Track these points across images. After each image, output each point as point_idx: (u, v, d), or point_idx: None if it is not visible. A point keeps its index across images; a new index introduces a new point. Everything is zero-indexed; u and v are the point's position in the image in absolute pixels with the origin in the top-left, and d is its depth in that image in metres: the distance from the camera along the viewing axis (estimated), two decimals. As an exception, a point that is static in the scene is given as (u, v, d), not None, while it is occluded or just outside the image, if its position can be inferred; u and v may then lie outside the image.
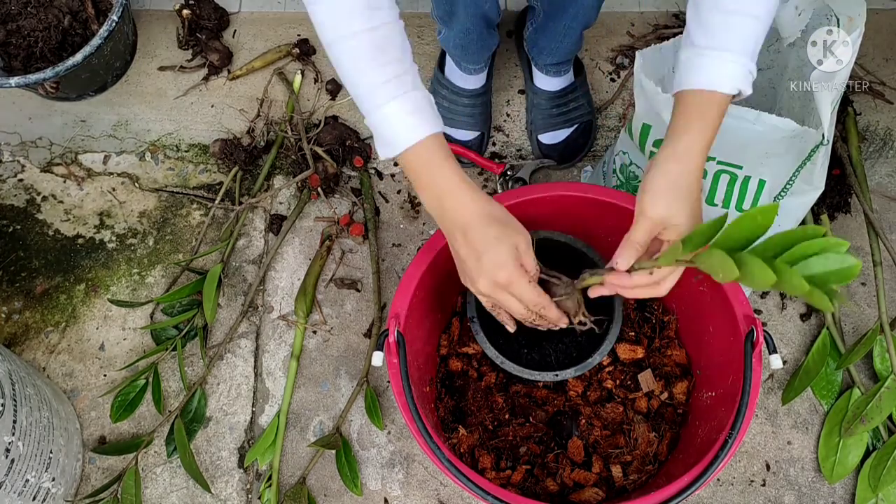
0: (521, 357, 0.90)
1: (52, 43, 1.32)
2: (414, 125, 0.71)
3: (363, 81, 0.71)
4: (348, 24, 0.70)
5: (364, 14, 0.70)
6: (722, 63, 0.69)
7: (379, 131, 0.73)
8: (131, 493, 1.10)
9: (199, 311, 1.21)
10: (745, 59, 0.69)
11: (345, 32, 0.70)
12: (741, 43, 0.69)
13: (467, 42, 1.15)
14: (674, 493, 0.80)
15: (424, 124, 0.72)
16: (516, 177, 1.27)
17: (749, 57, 0.70)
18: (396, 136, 0.72)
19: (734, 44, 0.69)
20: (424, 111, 0.72)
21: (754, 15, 0.69)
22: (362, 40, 0.70)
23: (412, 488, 1.12)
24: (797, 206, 0.95)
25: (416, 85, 0.72)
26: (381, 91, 0.71)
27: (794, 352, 1.18)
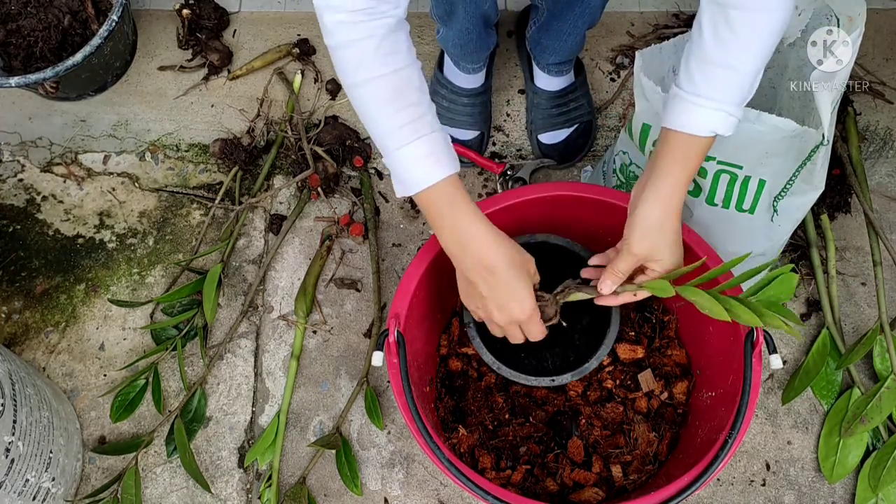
0: (518, 361, 0.90)
1: (52, 43, 1.32)
2: (430, 167, 0.74)
3: (381, 125, 0.74)
4: (369, 69, 0.72)
5: (384, 59, 0.72)
6: (701, 110, 0.73)
7: (396, 172, 0.76)
8: (131, 493, 1.10)
9: (199, 311, 1.21)
10: (726, 106, 0.73)
11: (365, 77, 0.72)
12: (721, 93, 0.73)
13: (466, 41, 1.15)
14: (674, 493, 0.80)
15: (441, 167, 0.75)
16: (516, 176, 1.27)
17: (731, 104, 0.73)
18: (413, 178, 0.75)
19: (716, 93, 0.73)
20: (441, 153, 0.75)
21: (735, 67, 0.72)
22: (380, 84, 0.72)
23: (412, 488, 1.13)
24: (797, 207, 0.95)
25: (433, 127, 0.75)
26: (399, 134, 0.73)
27: (794, 352, 1.18)
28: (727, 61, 0.72)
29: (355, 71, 0.73)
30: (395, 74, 0.72)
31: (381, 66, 0.72)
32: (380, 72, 0.72)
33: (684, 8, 1.42)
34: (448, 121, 1.29)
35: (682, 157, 0.76)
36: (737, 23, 0.70)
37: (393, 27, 0.72)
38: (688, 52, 0.75)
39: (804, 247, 1.22)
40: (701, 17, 0.73)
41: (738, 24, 0.70)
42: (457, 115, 1.29)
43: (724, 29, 0.71)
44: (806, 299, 1.21)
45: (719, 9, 0.71)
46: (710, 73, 0.73)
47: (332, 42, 0.73)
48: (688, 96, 0.74)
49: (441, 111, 1.29)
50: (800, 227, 1.22)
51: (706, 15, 0.73)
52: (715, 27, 0.72)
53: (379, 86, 0.72)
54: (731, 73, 0.73)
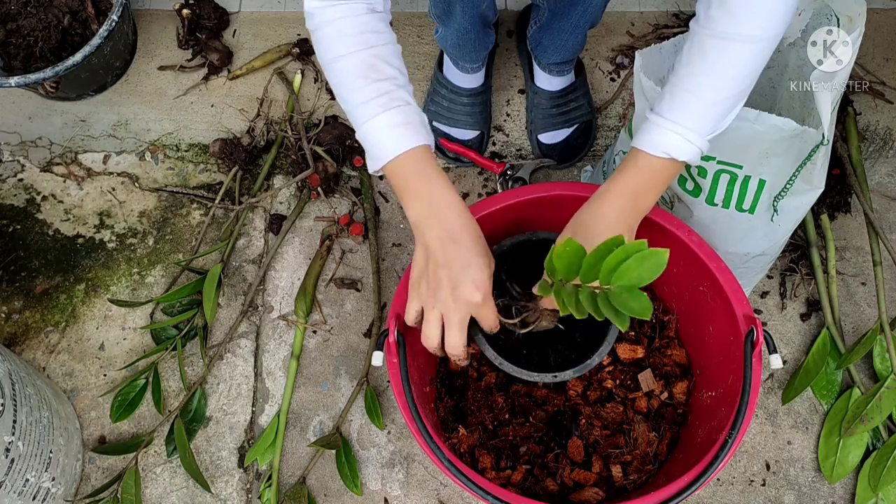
0: (520, 358, 0.90)
1: (51, 43, 1.32)
2: (402, 135, 0.74)
3: (353, 98, 0.75)
4: (344, 45, 0.74)
5: (358, 37, 0.74)
6: (659, 130, 0.74)
7: (367, 144, 0.76)
8: (131, 493, 1.10)
9: (199, 310, 1.21)
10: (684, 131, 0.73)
11: (340, 53, 0.74)
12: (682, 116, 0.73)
13: (464, 41, 1.15)
14: (674, 493, 0.80)
15: (411, 137, 0.74)
16: (516, 176, 1.27)
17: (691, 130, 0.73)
18: (384, 148, 0.74)
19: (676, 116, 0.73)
20: (414, 125, 0.75)
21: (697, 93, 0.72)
22: (354, 60, 0.74)
23: (412, 488, 1.13)
24: (797, 206, 0.95)
25: (406, 101, 0.75)
26: (370, 106, 0.74)
27: (794, 352, 1.18)
28: (691, 86, 0.72)
29: (331, 48, 0.74)
30: (369, 51, 0.74)
31: (355, 44, 0.73)
32: (354, 48, 0.73)
33: (684, 8, 1.42)
34: (448, 121, 1.29)
35: (634, 169, 0.76)
36: (709, 49, 0.71)
37: (368, 10, 0.74)
38: (668, 79, 0.76)
39: (804, 247, 1.22)
40: (684, 43, 0.74)
41: (709, 50, 0.71)
42: (457, 114, 1.29)
43: (697, 54, 0.72)
44: (806, 299, 1.21)
45: (699, 35, 0.72)
46: (674, 96, 0.74)
47: (312, 25, 0.75)
48: (650, 115, 0.75)
49: (441, 111, 1.29)
50: (800, 227, 1.22)
51: (689, 40, 0.73)
52: (689, 52, 0.73)
53: (352, 61, 0.74)
54: (693, 99, 0.73)
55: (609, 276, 0.63)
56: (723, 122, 0.75)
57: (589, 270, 0.64)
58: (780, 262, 1.22)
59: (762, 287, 1.22)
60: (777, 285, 1.22)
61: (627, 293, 0.62)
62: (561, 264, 0.66)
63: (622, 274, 0.62)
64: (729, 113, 0.75)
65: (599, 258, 0.63)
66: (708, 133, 0.74)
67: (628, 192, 0.76)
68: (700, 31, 0.72)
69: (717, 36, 0.70)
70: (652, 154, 0.75)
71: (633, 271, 0.62)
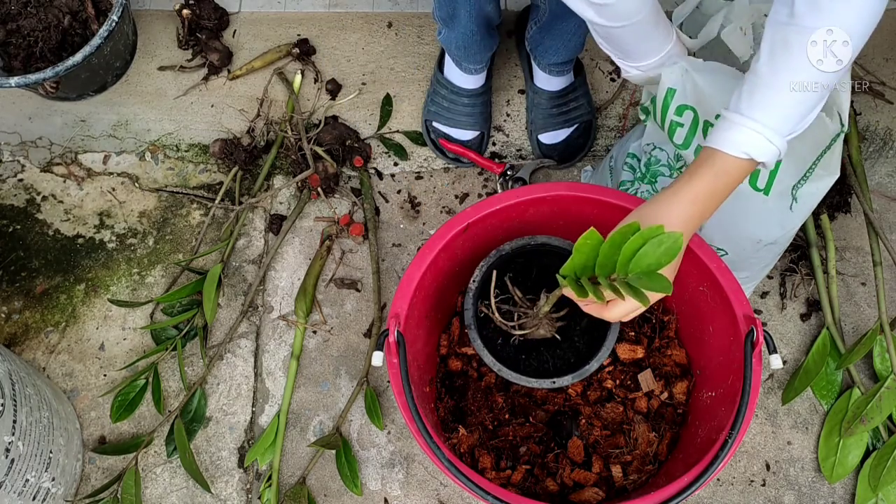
0: (519, 362, 0.90)
1: (51, 43, 1.32)
2: None
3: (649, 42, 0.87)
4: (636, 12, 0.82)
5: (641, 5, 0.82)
6: (739, 128, 0.71)
7: None
8: (131, 493, 1.10)
9: (199, 311, 1.21)
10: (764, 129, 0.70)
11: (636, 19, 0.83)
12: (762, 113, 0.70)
13: (469, 43, 1.15)
14: (674, 493, 0.80)
15: None
16: (516, 177, 1.27)
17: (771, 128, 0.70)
18: None
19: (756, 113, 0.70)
20: None
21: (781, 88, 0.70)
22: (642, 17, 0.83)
23: (412, 488, 1.12)
24: (813, 192, 0.94)
25: None
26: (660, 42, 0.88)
27: (794, 352, 1.18)
28: (773, 82, 0.69)
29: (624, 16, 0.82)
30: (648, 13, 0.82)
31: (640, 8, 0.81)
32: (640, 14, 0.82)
33: (684, 8, 1.42)
34: (448, 121, 1.29)
35: (710, 173, 0.72)
36: (793, 43, 0.68)
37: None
38: (744, 79, 0.73)
39: (804, 247, 1.22)
40: (763, 42, 0.71)
41: (794, 45, 0.68)
42: (457, 115, 1.29)
43: (780, 49, 0.69)
44: (806, 299, 1.21)
45: (782, 30, 0.69)
46: (754, 93, 0.71)
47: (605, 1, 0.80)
48: (728, 114, 0.72)
49: (441, 111, 1.29)
50: (800, 228, 1.22)
51: (767, 37, 0.71)
52: (771, 47, 0.70)
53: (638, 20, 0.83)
54: (775, 95, 0.70)
55: (626, 265, 0.62)
56: (804, 122, 0.72)
57: (606, 261, 0.64)
58: (780, 262, 1.22)
59: (762, 287, 1.22)
60: (777, 285, 1.22)
61: (647, 278, 0.62)
62: (580, 258, 0.66)
63: (639, 260, 0.62)
64: (811, 112, 0.72)
65: (616, 247, 0.62)
66: (788, 132, 0.71)
67: (701, 197, 0.73)
68: (782, 26, 0.69)
69: (802, 31, 0.67)
70: (730, 154, 0.71)
71: (649, 257, 0.61)
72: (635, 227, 0.61)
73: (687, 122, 0.95)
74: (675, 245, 0.61)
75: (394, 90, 1.37)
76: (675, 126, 0.96)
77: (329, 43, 1.42)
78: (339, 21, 1.44)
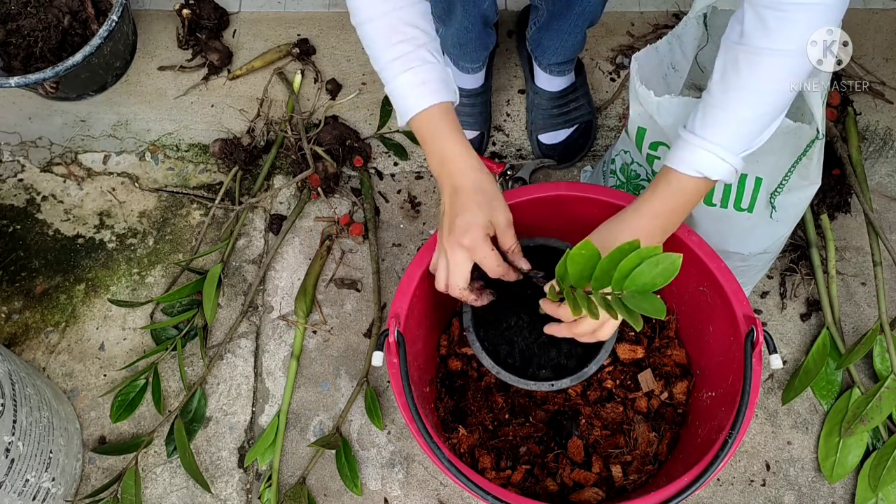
0: (517, 365, 0.90)
1: (51, 43, 1.32)
2: (421, 95, 0.79)
3: (380, 59, 0.80)
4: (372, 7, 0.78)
5: None
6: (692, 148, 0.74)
7: (394, 102, 0.81)
8: (131, 493, 1.10)
9: (199, 311, 1.21)
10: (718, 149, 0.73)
11: (370, 14, 0.79)
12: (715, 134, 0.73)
13: (465, 41, 1.15)
14: (674, 493, 0.80)
15: (431, 94, 0.79)
16: (516, 176, 1.27)
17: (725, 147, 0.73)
18: (406, 106, 0.80)
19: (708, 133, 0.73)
20: (433, 83, 0.79)
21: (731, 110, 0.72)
22: (383, 21, 0.78)
23: (412, 488, 1.13)
24: (795, 202, 0.95)
25: (427, 60, 0.79)
26: (393, 66, 0.79)
27: (794, 352, 1.18)
28: (723, 103, 0.72)
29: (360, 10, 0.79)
30: (394, 12, 0.78)
31: (381, 4, 0.78)
32: (380, 10, 0.78)
33: (684, 8, 1.42)
34: (448, 121, 1.29)
35: (668, 191, 0.76)
36: (742, 64, 0.70)
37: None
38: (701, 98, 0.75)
39: (804, 247, 1.22)
40: (716, 61, 0.73)
41: (742, 66, 0.70)
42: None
43: (731, 70, 0.71)
44: (806, 299, 1.21)
45: (732, 50, 0.71)
46: (707, 113, 0.73)
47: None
48: (683, 133, 0.75)
49: (441, 111, 1.29)
50: (800, 227, 1.22)
51: (721, 57, 0.72)
52: (723, 68, 0.72)
53: (377, 24, 0.78)
54: (726, 116, 0.72)
55: (622, 281, 0.63)
56: (758, 139, 0.74)
57: (602, 276, 0.65)
58: (780, 262, 1.22)
59: (762, 287, 1.22)
60: (777, 285, 1.22)
61: (641, 297, 0.63)
62: (574, 268, 0.67)
63: (635, 279, 0.63)
64: (764, 130, 0.74)
65: (614, 263, 0.63)
66: (742, 151, 0.73)
67: (662, 213, 0.77)
68: (733, 46, 0.70)
69: (750, 51, 0.69)
70: (684, 173, 0.74)
71: (645, 276, 0.63)
72: (635, 244, 0.63)
73: (663, 155, 0.97)
74: (672, 266, 0.62)
75: (394, 90, 1.36)
76: (651, 158, 0.98)
77: (329, 43, 1.42)
78: (339, 21, 1.44)
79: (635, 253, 0.62)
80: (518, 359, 0.89)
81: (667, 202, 0.77)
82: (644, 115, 0.92)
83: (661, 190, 0.77)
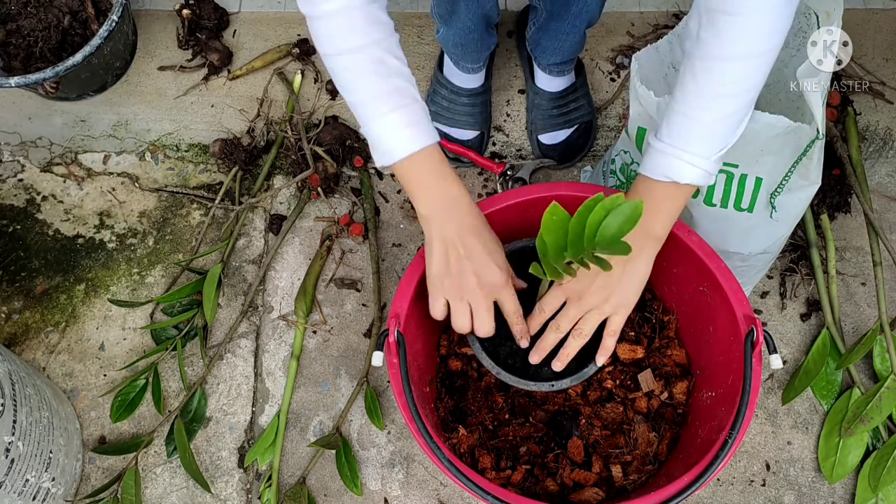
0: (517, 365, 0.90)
1: (51, 43, 1.32)
2: (413, 136, 0.75)
3: (361, 94, 0.74)
4: (349, 38, 0.72)
5: (364, 29, 0.72)
6: (660, 155, 0.75)
7: (375, 141, 0.76)
8: (131, 493, 1.10)
9: (199, 311, 1.21)
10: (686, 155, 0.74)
11: (347, 47, 0.73)
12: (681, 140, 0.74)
13: (467, 41, 1.15)
14: (674, 493, 0.80)
15: (424, 135, 0.76)
16: (516, 177, 1.27)
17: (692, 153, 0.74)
18: (394, 147, 0.75)
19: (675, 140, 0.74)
20: (423, 124, 0.76)
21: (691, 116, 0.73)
22: (363, 55, 0.73)
23: (412, 488, 1.13)
24: (795, 202, 0.95)
25: (414, 98, 0.75)
26: (380, 104, 0.74)
27: (794, 352, 1.18)
28: (685, 109, 0.73)
29: (335, 41, 0.73)
30: (376, 45, 0.73)
31: (360, 37, 0.72)
32: (361, 42, 0.72)
33: (684, 8, 1.42)
34: (448, 121, 1.29)
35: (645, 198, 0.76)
36: (698, 70, 0.71)
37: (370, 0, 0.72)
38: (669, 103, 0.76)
39: (804, 247, 1.22)
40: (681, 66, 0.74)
41: (698, 72, 0.71)
42: (457, 115, 1.29)
43: (688, 76, 0.72)
44: (806, 299, 1.21)
45: (690, 57, 0.72)
46: (671, 120, 0.74)
47: (313, 12, 0.72)
48: (653, 141, 0.76)
49: (441, 111, 1.29)
50: (800, 227, 1.22)
51: (683, 63, 0.74)
52: (682, 74, 0.73)
53: (359, 57, 0.73)
54: (689, 122, 0.73)
55: (593, 238, 0.66)
56: (729, 139, 0.75)
57: (576, 239, 0.67)
58: (780, 262, 1.22)
59: (762, 287, 1.22)
60: (777, 285, 1.22)
61: (611, 245, 0.66)
62: (550, 237, 0.68)
63: (604, 232, 0.65)
64: (735, 129, 0.74)
65: (582, 220, 0.65)
66: (713, 153, 0.74)
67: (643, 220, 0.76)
68: (691, 53, 0.72)
69: (705, 57, 0.70)
70: (656, 179, 0.76)
71: (612, 227, 0.65)
72: (599, 197, 0.64)
73: None
74: (634, 213, 0.63)
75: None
76: None
77: (329, 43, 1.42)
78: (339, 21, 1.44)
79: (600, 206, 0.64)
80: (518, 360, 0.89)
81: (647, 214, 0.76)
82: (644, 115, 0.92)
83: (633, 196, 0.78)
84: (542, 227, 0.68)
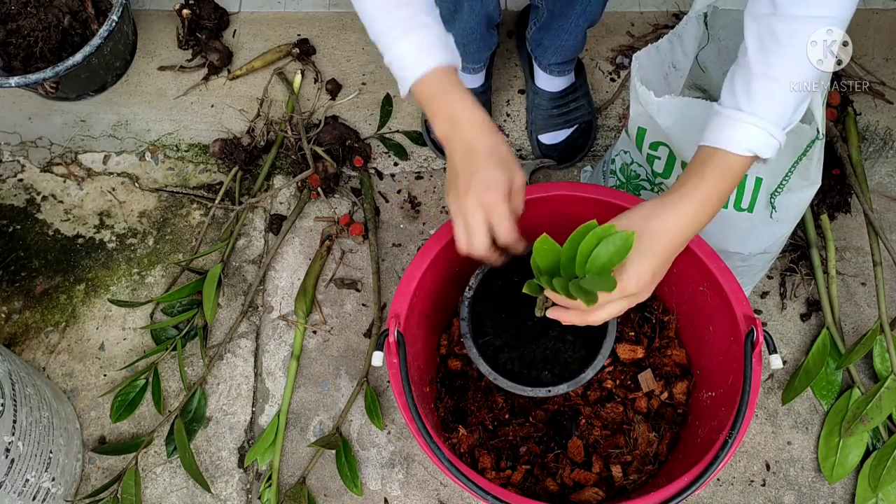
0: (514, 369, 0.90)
1: (51, 43, 1.32)
2: (425, 56, 0.75)
3: (377, 25, 0.76)
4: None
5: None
6: (741, 125, 0.70)
7: (394, 69, 0.77)
8: (131, 493, 1.10)
9: (199, 311, 1.21)
10: (767, 125, 0.69)
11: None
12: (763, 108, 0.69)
13: (469, 41, 1.15)
14: (674, 493, 0.80)
15: (436, 56, 0.75)
16: (516, 177, 1.26)
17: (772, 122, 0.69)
18: (407, 70, 0.75)
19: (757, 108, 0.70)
20: (434, 45, 0.76)
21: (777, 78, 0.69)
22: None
23: (412, 488, 1.12)
24: (795, 203, 0.95)
25: (426, 24, 0.76)
26: (392, 31, 0.75)
27: (794, 352, 1.18)
28: (769, 73, 0.69)
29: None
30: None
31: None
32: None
33: (684, 8, 1.42)
34: (448, 120, 1.29)
35: (716, 173, 0.71)
36: (781, 33, 0.68)
37: None
38: (732, 74, 0.72)
39: (804, 247, 1.22)
40: (746, 36, 0.71)
41: (781, 35, 0.68)
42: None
43: (769, 40, 0.69)
44: (806, 299, 1.21)
45: (765, 21, 0.69)
46: (751, 86, 0.70)
47: None
48: (727, 111, 0.71)
49: (441, 111, 1.29)
50: (800, 227, 1.22)
51: (751, 30, 0.71)
52: (760, 40, 0.70)
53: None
54: (772, 86, 0.69)
55: (583, 266, 0.66)
56: (797, 113, 0.72)
57: (568, 263, 0.66)
58: (780, 262, 1.22)
59: (762, 287, 1.22)
60: (777, 285, 1.22)
61: (598, 277, 0.65)
62: (543, 261, 0.68)
63: (594, 261, 0.65)
64: (804, 102, 0.72)
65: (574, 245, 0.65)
66: (786, 125, 0.71)
67: (712, 199, 0.72)
68: (765, 18, 0.69)
69: (787, 20, 0.67)
70: (734, 153, 0.70)
71: (602, 258, 0.64)
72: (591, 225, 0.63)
73: (663, 155, 0.96)
74: (625, 244, 0.62)
75: (394, 90, 1.37)
76: (652, 158, 0.97)
77: (329, 43, 1.42)
78: (339, 21, 1.44)
79: (592, 234, 0.64)
80: (517, 363, 0.89)
81: (716, 186, 0.71)
82: (644, 115, 0.92)
83: (710, 173, 0.71)
84: (535, 253, 0.68)
